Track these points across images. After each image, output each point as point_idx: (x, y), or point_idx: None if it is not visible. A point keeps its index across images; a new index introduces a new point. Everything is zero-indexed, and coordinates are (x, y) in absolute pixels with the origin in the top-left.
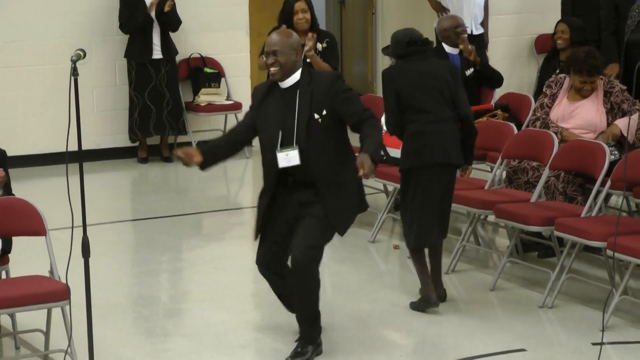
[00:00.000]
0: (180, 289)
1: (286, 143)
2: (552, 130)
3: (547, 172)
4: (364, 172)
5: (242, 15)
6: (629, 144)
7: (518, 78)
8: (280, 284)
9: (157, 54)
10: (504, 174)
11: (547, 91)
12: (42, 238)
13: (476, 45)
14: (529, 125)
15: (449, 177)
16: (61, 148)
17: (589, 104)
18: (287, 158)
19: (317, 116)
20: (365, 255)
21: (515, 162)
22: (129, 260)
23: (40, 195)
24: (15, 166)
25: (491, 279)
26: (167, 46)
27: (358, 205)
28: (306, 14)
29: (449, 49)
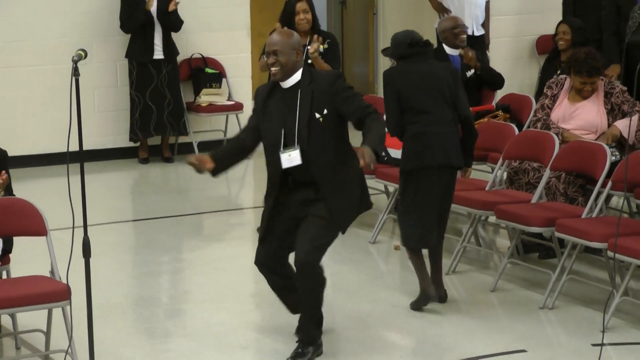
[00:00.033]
0: (181, 290)
1: (288, 143)
2: (552, 131)
3: (548, 173)
4: (365, 162)
5: (243, 16)
6: (630, 145)
7: (519, 79)
8: (280, 284)
9: (158, 54)
10: (504, 175)
11: (547, 92)
12: (43, 238)
13: (477, 47)
14: (530, 126)
15: (449, 178)
16: (61, 148)
17: (590, 105)
18: (289, 158)
19: (318, 115)
20: (365, 256)
21: (516, 163)
22: (129, 261)
23: (41, 196)
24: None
25: (492, 279)
26: (169, 46)
27: (360, 204)
28: (307, 15)
29: (449, 50)
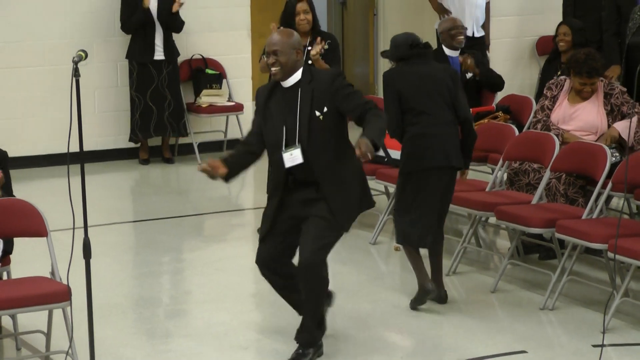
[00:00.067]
0: (181, 290)
1: (289, 142)
2: (553, 133)
3: (548, 174)
4: (361, 151)
5: (243, 16)
6: (629, 147)
7: (519, 80)
8: (280, 284)
9: (159, 54)
10: (505, 176)
11: (547, 93)
12: (44, 239)
13: (477, 48)
14: (530, 127)
15: (449, 179)
16: (62, 149)
17: (590, 106)
18: (291, 157)
19: (318, 113)
20: (366, 256)
21: (516, 164)
22: (130, 261)
23: (41, 196)
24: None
25: (492, 280)
26: (169, 47)
27: (361, 202)
28: (308, 15)
29: (448, 51)
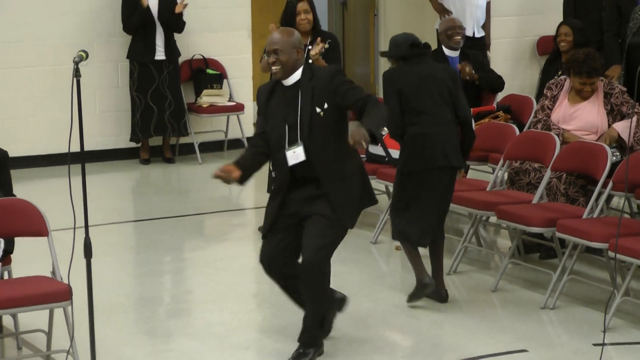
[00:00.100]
0: (182, 290)
1: (291, 140)
2: (553, 132)
3: (548, 173)
4: (353, 140)
5: (244, 17)
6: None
7: (520, 80)
8: (284, 284)
9: (159, 55)
10: (505, 176)
11: (547, 93)
12: (44, 239)
13: (478, 48)
14: (530, 127)
15: (448, 179)
16: (62, 149)
17: (590, 106)
18: (294, 155)
19: (318, 110)
20: (366, 255)
21: (517, 164)
22: (130, 261)
23: (42, 196)
24: (17, 167)
25: (493, 280)
26: (170, 47)
27: (362, 198)
28: (308, 15)
29: (448, 51)
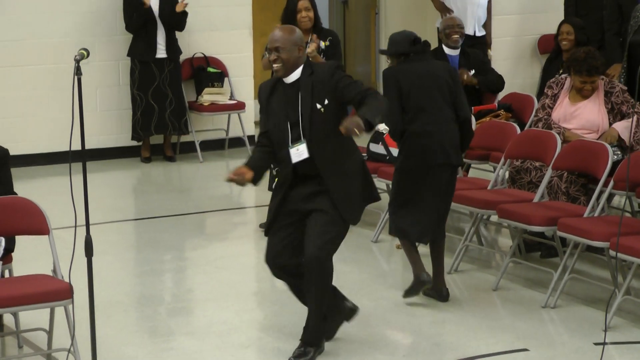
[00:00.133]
0: (183, 288)
1: (294, 137)
2: (554, 131)
3: (550, 172)
4: (345, 129)
5: (245, 15)
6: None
7: (521, 78)
8: (290, 283)
9: (161, 53)
10: (506, 174)
11: (548, 92)
12: (45, 237)
13: (479, 47)
14: (531, 126)
15: (448, 177)
16: (63, 147)
17: (591, 105)
18: (297, 152)
19: (319, 106)
20: (367, 254)
21: (518, 162)
22: (131, 260)
23: (43, 195)
24: (18, 165)
25: (494, 279)
26: (171, 46)
27: (363, 195)
28: (309, 13)
29: (447, 50)
